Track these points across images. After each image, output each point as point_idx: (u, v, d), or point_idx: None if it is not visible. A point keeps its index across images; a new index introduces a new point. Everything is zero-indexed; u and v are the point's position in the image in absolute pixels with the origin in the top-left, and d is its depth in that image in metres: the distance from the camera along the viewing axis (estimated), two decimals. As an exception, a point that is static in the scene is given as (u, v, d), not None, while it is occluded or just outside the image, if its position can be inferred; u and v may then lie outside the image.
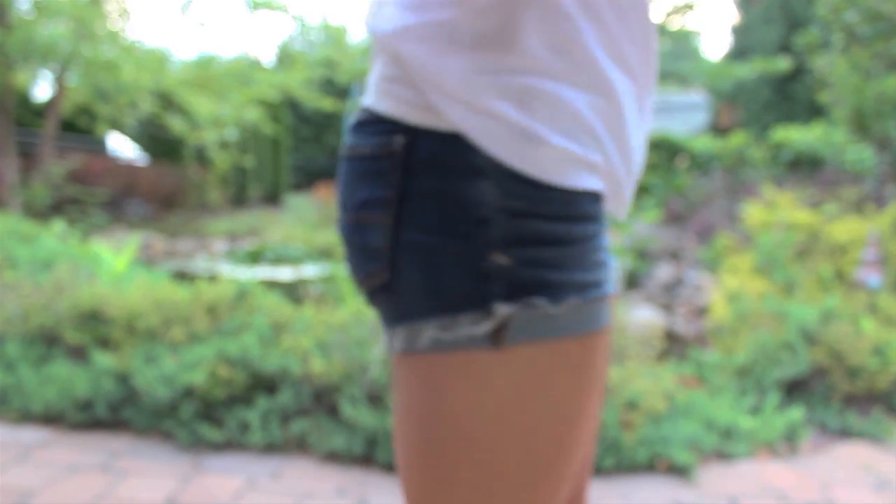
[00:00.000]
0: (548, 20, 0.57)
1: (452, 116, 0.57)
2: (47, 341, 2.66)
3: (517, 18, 0.56)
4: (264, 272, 6.43)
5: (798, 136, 9.09)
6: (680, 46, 26.19)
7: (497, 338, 0.57)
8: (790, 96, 18.10)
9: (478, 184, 0.57)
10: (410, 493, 0.64)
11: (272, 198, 17.62)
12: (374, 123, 0.61)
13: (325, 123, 25.09)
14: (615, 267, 0.78)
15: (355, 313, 2.54)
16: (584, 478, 0.82)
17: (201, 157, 13.50)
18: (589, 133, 0.59)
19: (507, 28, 0.56)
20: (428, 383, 0.59)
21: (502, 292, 0.56)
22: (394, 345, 0.62)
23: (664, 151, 10.09)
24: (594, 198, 0.61)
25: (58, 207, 9.08)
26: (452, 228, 0.57)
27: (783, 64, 12.81)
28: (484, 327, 0.57)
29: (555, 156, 0.57)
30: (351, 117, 0.67)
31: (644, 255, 6.38)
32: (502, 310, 0.56)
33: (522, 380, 0.58)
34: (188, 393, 2.37)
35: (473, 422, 0.58)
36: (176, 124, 9.98)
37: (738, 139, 9.41)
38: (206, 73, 9.53)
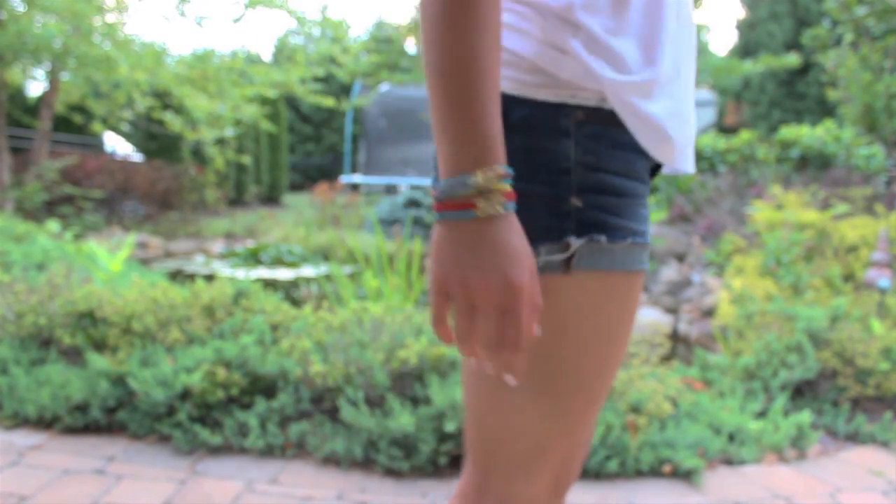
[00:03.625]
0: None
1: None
2: (41, 343, 2.63)
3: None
4: (263, 272, 6.42)
5: (806, 133, 9.01)
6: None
7: (567, 264, 0.72)
8: (798, 94, 18.00)
9: (563, 141, 0.71)
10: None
11: (271, 197, 17.61)
12: None
13: (324, 121, 25.04)
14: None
15: (355, 314, 2.50)
16: (581, 459, 0.96)
17: (198, 156, 13.49)
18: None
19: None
20: None
21: (574, 228, 0.71)
22: None
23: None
24: (647, 161, 0.78)
25: (51, 207, 9.08)
26: (539, 176, 0.72)
27: (792, 60, 12.72)
28: (558, 256, 0.72)
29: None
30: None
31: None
32: (574, 242, 0.71)
33: (581, 301, 0.74)
34: (185, 395, 2.34)
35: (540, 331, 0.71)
36: (173, 121, 9.96)
37: (745, 137, 9.34)
38: (202, 69, 9.49)
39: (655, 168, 0.86)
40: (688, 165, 0.82)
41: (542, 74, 0.71)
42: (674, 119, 0.75)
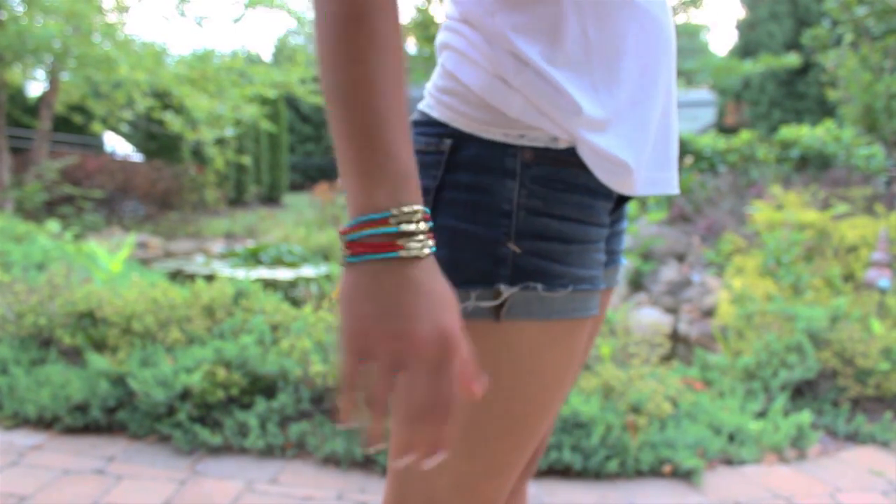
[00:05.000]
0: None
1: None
2: (41, 343, 2.63)
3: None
4: (263, 272, 6.42)
5: (806, 134, 9.02)
6: (687, 44, 26.10)
7: (498, 312, 0.66)
8: (798, 94, 18.00)
9: (507, 183, 0.67)
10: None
11: (271, 197, 17.61)
12: (427, 125, 0.72)
13: (324, 121, 25.05)
14: (623, 264, 0.87)
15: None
16: (537, 454, 0.95)
17: (198, 156, 13.50)
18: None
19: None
20: None
21: (507, 275, 0.66)
22: None
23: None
24: (607, 201, 0.72)
25: (51, 207, 9.09)
26: (478, 217, 0.67)
27: (792, 60, 12.73)
28: (488, 302, 0.66)
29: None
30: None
31: (649, 256, 6.32)
32: (505, 290, 0.66)
33: (514, 349, 0.68)
34: (185, 395, 2.34)
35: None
36: (173, 121, 9.99)
37: (745, 137, 9.35)
38: (202, 69, 9.52)
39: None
40: (664, 188, 0.75)
41: (490, 111, 0.67)
42: (634, 146, 0.69)
